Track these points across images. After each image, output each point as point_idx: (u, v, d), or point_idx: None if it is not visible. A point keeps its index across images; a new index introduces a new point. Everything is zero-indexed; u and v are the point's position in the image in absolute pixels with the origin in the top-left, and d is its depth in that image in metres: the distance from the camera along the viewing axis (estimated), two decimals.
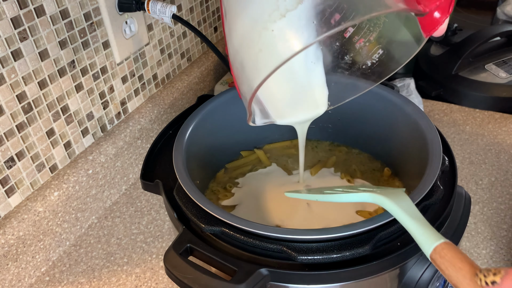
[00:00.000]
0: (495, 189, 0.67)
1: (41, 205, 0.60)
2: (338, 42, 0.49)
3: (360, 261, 0.39)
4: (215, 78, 0.94)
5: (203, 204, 0.43)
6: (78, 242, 0.66)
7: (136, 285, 0.59)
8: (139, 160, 0.76)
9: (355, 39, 0.47)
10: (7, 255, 0.56)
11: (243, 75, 0.39)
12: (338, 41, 0.49)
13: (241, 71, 0.39)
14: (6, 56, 0.53)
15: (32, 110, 0.58)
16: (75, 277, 0.60)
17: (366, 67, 0.48)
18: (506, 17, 1.10)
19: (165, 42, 0.80)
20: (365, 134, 0.60)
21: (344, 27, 0.33)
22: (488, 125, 0.79)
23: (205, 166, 0.58)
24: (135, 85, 0.75)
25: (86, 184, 0.66)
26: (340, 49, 0.49)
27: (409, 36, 0.42)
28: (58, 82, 0.60)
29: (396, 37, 0.44)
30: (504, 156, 0.73)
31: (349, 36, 0.48)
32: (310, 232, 0.39)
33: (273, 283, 0.40)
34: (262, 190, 0.58)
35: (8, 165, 0.56)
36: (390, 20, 0.43)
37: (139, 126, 0.74)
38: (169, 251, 0.40)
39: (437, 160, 0.46)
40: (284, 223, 0.52)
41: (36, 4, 0.55)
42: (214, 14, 0.92)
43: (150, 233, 0.66)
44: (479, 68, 0.89)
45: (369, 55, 0.47)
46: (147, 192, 0.72)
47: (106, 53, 0.67)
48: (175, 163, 0.48)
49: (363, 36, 0.42)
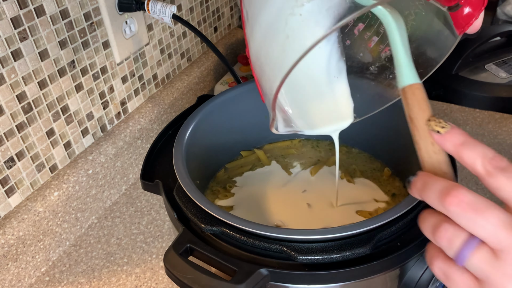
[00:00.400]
0: None
1: (41, 205, 0.60)
2: (363, 53, 0.47)
3: (360, 261, 0.39)
4: (215, 78, 0.94)
5: (203, 204, 0.43)
6: (78, 242, 0.66)
7: (136, 285, 0.59)
8: (139, 160, 0.76)
9: (380, 48, 0.46)
10: (7, 255, 0.56)
11: (267, 69, 0.38)
12: (362, 52, 0.47)
13: (265, 66, 0.38)
14: (6, 56, 0.53)
15: (32, 110, 0.58)
16: (75, 277, 0.60)
17: (393, 77, 0.46)
18: (506, 17, 1.10)
19: (165, 42, 0.80)
20: (365, 134, 0.60)
21: (375, 6, 0.31)
22: (488, 125, 0.79)
23: (205, 166, 0.58)
24: (135, 85, 0.75)
25: (86, 184, 0.66)
26: (365, 60, 0.48)
27: (440, 36, 0.40)
28: (58, 82, 0.60)
29: (425, 39, 0.43)
30: (504, 156, 0.73)
31: (373, 46, 0.46)
32: (310, 232, 0.39)
33: (273, 283, 0.40)
34: (262, 190, 0.58)
35: (8, 165, 0.56)
36: (418, 21, 0.42)
37: (139, 126, 0.74)
38: (169, 251, 0.40)
39: None
40: (284, 223, 0.52)
41: (36, 4, 0.55)
42: (214, 14, 0.92)
43: (150, 233, 0.66)
44: (479, 68, 0.89)
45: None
46: (147, 192, 0.72)
47: (106, 53, 0.67)
48: (175, 163, 0.48)
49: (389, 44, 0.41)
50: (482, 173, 0.30)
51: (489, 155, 0.30)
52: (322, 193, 0.56)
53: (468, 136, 0.31)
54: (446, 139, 0.32)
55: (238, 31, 1.02)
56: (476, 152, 0.30)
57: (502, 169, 0.29)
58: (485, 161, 0.30)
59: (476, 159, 0.30)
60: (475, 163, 0.30)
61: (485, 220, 0.28)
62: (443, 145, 0.33)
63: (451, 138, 0.32)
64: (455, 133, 0.32)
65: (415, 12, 0.41)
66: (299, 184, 0.58)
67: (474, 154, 0.30)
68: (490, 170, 0.29)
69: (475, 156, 0.30)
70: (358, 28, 0.46)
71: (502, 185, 0.29)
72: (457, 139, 0.31)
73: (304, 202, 0.55)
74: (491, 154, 0.30)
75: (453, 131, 0.32)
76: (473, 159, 0.30)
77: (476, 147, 0.30)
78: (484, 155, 0.30)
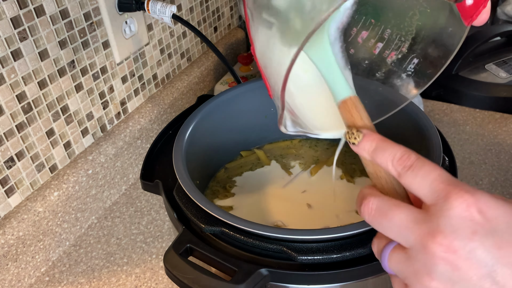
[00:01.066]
0: (495, 189, 0.67)
1: (41, 205, 0.60)
2: (368, 61, 0.46)
3: (360, 261, 0.39)
4: (215, 78, 0.94)
5: (203, 204, 0.43)
6: (78, 242, 0.66)
7: (136, 285, 0.59)
8: (139, 160, 0.76)
9: (386, 54, 0.45)
10: (7, 255, 0.56)
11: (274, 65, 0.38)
12: (368, 59, 0.46)
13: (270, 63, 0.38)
14: (6, 56, 0.53)
15: (32, 110, 0.58)
16: (75, 277, 0.60)
17: (401, 82, 0.45)
18: (506, 17, 1.10)
19: (165, 42, 0.80)
20: None
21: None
22: (488, 125, 0.79)
23: (205, 166, 0.58)
24: (135, 85, 0.75)
25: (86, 184, 0.66)
26: (370, 67, 0.46)
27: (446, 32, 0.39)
28: (58, 82, 0.60)
29: (431, 38, 0.41)
30: (504, 156, 0.73)
31: (379, 52, 0.45)
32: (310, 232, 0.39)
33: (273, 283, 0.40)
34: (262, 190, 0.58)
35: (8, 165, 0.56)
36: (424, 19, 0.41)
37: (139, 126, 0.74)
38: (169, 251, 0.40)
39: (437, 160, 0.46)
40: (284, 223, 0.52)
41: (36, 4, 0.55)
42: (214, 14, 0.92)
43: (150, 233, 0.66)
44: (479, 68, 0.89)
45: (403, 67, 0.45)
46: (147, 192, 0.72)
47: (106, 53, 0.67)
48: (175, 163, 0.48)
49: (394, 48, 0.40)
50: (395, 174, 0.30)
51: (397, 155, 0.30)
52: (322, 193, 0.56)
53: (379, 140, 0.31)
54: (360, 148, 0.32)
55: (238, 31, 1.02)
56: (386, 155, 0.30)
57: (409, 167, 0.29)
58: (394, 162, 0.30)
59: (387, 162, 0.30)
60: (387, 166, 0.30)
61: (390, 222, 0.29)
62: (360, 154, 0.33)
63: (364, 146, 0.32)
64: (367, 140, 0.32)
65: (420, 10, 0.41)
66: (299, 185, 0.58)
67: (384, 158, 0.30)
68: (399, 170, 0.29)
69: (386, 159, 0.30)
70: (362, 36, 0.46)
71: (411, 182, 0.29)
72: (369, 146, 0.31)
73: (304, 202, 0.55)
74: (399, 154, 0.30)
75: (365, 139, 0.32)
76: (385, 162, 0.30)
77: (386, 150, 0.30)
78: (393, 156, 0.30)
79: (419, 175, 0.28)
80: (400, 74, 0.45)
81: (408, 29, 0.42)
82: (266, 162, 0.62)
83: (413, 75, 0.44)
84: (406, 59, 0.44)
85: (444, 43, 0.40)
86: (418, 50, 0.37)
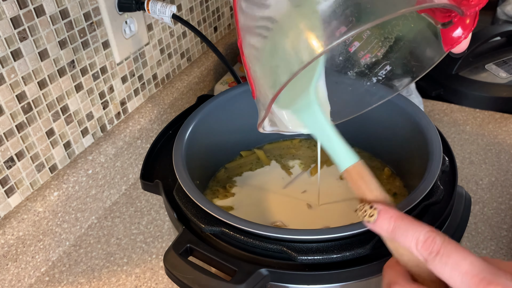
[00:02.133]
0: (495, 189, 0.67)
1: (41, 205, 0.60)
2: (342, 57, 0.46)
3: (360, 261, 0.39)
4: (215, 78, 0.94)
5: (203, 204, 0.43)
6: (78, 242, 0.66)
7: (136, 285, 0.59)
8: (139, 160, 0.76)
9: (361, 54, 0.45)
10: (7, 255, 0.56)
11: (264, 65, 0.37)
12: (342, 55, 0.46)
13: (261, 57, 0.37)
14: (6, 56, 0.53)
15: (32, 110, 0.58)
16: (75, 277, 0.60)
17: (371, 83, 0.46)
18: (506, 17, 1.10)
19: (165, 42, 0.80)
20: (365, 133, 0.60)
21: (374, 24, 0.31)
22: (489, 125, 0.79)
23: (205, 166, 0.58)
24: (135, 85, 0.75)
25: (86, 184, 0.66)
26: (344, 64, 0.47)
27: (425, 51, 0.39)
28: (57, 82, 0.60)
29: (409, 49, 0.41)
30: (505, 156, 0.73)
31: (354, 51, 0.45)
32: (310, 232, 0.39)
33: (273, 283, 0.40)
34: (262, 190, 0.58)
35: (7, 165, 0.56)
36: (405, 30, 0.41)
37: (139, 126, 0.74)
38: (169, 251, 0.40)
39: (438, 160, 0.45)
40: (284, 223, 0.52)
41: (36, 4, 0.55)
42: (214, 14, 0.92)
43: (150, 233, 0.66)
44: (479, 68, 0.89)
45: (374, 71, 0.45)
46: (147, 192, 0.72)
47: (106, 53, 0.67)
48: (175, 163, 0.48)
49: (370, 51, 0.40)
50: (421, 259, 0.28)
51: (421, 238, 0.28)
52: (322, 193, 0.56)
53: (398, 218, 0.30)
54: (377, 227, 0.31)
55: None
56: (409, 238, 0.29)
57: (437, 253, 0.27)
58: (419, 247, 0.28)
59: (411, 244, 0.29)
60: (411, 248, 0.29)
61: None
62: (378, 233, 0.31)
63: (382, 225, 0.30)
64: (383, 218, 0.30)
65: (403, 22, 0.41)
66: (299, 185, 0.58)
67: (408, 240, 0.29)
68: (425, 256, 0.28)
69: (409, 241, 0.29)
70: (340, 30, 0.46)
71: (440, 271, 0.27)
72: (387, 225, 0.30)
73: (304, 202, 0.55)
74: (422, 237, 0.28)
75: (382, 217, 0.30)
76: (408, 245, 0.29)
77: (407, 230, 0.29)
78: (417, 240, 0.28)
79: (448, 264, 0.27)
80: (371, 78, 0.45)
81: (388, 36, 0.42)
82: (266, 162, 0.62)
83: (383, 82, 0.45)
84: (379, 64, 0.44)
85: (420, 59, 0.40)
86: (393, 59, 0.37)
